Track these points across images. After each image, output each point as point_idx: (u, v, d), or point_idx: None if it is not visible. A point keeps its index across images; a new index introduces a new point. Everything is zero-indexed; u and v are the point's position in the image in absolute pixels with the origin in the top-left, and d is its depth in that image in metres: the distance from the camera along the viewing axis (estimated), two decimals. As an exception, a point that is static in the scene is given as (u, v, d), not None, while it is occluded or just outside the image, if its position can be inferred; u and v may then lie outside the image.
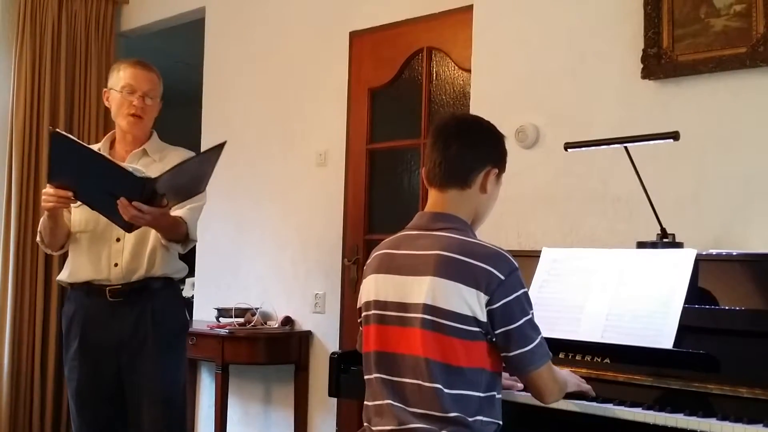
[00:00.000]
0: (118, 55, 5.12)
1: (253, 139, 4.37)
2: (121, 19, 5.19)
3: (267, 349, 3.96)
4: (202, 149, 2.83)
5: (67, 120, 4.81)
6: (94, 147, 2.75)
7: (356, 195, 3.94)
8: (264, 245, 4.28)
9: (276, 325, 4.06)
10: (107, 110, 5.16)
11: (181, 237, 2.65)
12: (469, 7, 3.42)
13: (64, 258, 4.62)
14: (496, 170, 1.90)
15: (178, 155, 2.72)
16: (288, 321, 4.06)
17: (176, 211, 2.58)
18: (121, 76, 2.70)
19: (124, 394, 2.64)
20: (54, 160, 2.45)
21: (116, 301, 2.62)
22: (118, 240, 2.61)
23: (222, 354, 3.87)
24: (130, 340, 2.61)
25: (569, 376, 1.98)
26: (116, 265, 2.62)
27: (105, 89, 2.76)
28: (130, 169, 2.37)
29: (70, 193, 2.42)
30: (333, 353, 2.51)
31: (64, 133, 2.44)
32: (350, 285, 3.90)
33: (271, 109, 4.33)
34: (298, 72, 4.19)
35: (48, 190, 2.44)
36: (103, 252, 2.63)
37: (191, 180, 2.49)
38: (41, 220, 2.63)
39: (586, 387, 2.00)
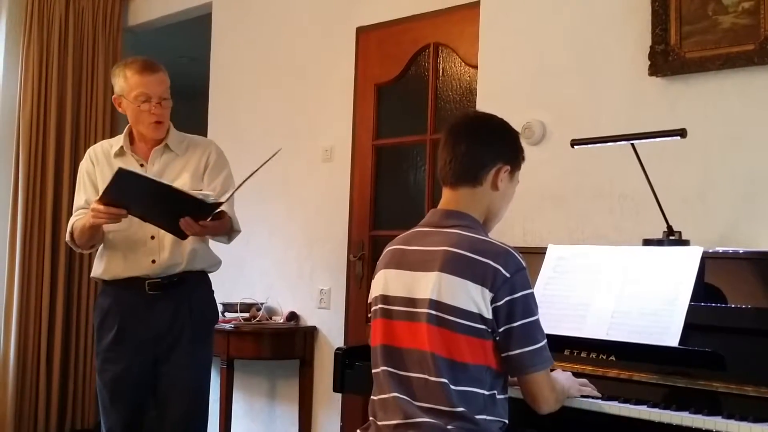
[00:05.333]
0: (125, 51, 5.13)
1: (259, 134, 4.37)
2: (128, 14, 5.20)
3: (272, 344, 3.97)
4: (205, 138, 2.91)
5: (74, 115, 4.82)
6: (114, 141, 2.79)
7: (362, 191, 3.94)
8: (269, 240, 4.28)
9: (281, 321, 4.07)
10: (114, 106, 5.20)
11: (228, 231, 2.72)
12: (476, 3, 3.41)
13: (69, 252, 4.69)
14: (508, 167, 1.89)
15: (200, 148, 2.78)
16: (293, 316, 4.06)
17: None
18: (131, 85, 2.65)
19: (156, 383, 2.68)
20: (113, 189, 2.44)
21: (154, 294, 2.65)
22: (152, 237, 2.63)
23: (227, 349, 3.88)
24: (167, 332, 2.66)
25: (570, 381, 1.96)
26: (153, 261, 2.65)
27: (115, 96, 2.73)
28: (201, 197, 2.43)
29: (123, 211, 2.46)
30: (338, 349, 2.51)
31: (129, 169, 2.46)
32: (355, 281, 3.90)
33: (277, 104, 4.33)
34: (305, 68, 4.19)
35: (99, 207, 2.44)
36: (139, 250, 2.65)
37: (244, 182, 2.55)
38: (74, 223, 2.63)
39: (587, 391, 1.98)
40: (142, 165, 2.72)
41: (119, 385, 2.67)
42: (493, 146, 1.89)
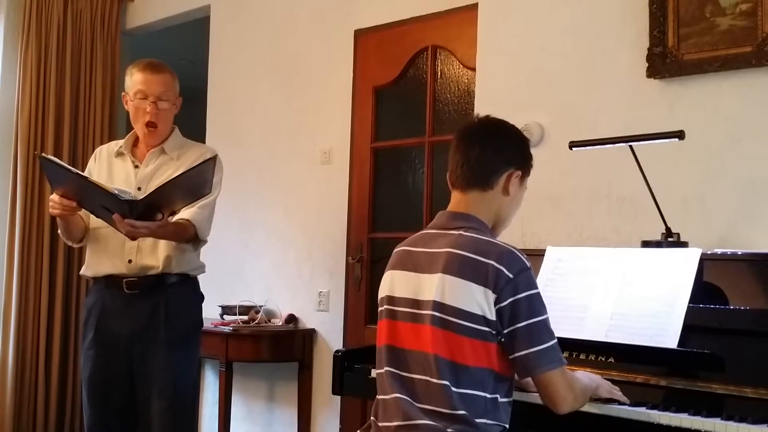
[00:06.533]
0: (124, 53, 5.14)
1: (257, 137, 4.37)
2: (126, 17, 5.20)
3: (271, 346, 3.97)
4: (206, 146, 2.86)
5: (72, 117, 4.82)
6: (122, 141, 2.80)
7: (361, 193, 3.94)
8: (268, 243, 4.28)
9: (280, 323, 4.06)
10: (112, 108, 5.22)
11: (190, 238, 2.66)
12: (474, 6, 3.41)
13: (67, 253, 4.69)
14: (519, 173, 1.91)
15: (195, 154, 2.75)
16: (292, 319, 4.06)
17: (184, 212, 2.59)
18: (133, 81, 2.70)
19: (134, 384, 2.66)
20: (50, 177, 2.52)
21: (132, 293, 2.65)
22: (133, 238, 2.62)
23: (226, 351, 3.87)
24: (142, 331, 2.64)
25: (599, 381, 1.94)
26: (130, 261, 2.65)
27: (123, 93, 2.77)
28: (116, 192, 2.39)
29: (74, 203, 2.47)
30: (337, 351, 2.51)
31: (49, 157, 2.48)
32: (354, 283, 3.90)
33: (275, 107, 4.33)
34: (303, 70, 4.20)
35: (54, 197, 2.48)
36: (117, 248, 2.66)
37: (189, 190, 2.50)
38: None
39: (619, 394, 1.95)
40: (136, 167, 2.74)
41: (95, 383, 2.67)
42: (505, 151, 1.91)
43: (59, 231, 2.72)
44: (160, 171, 2.72)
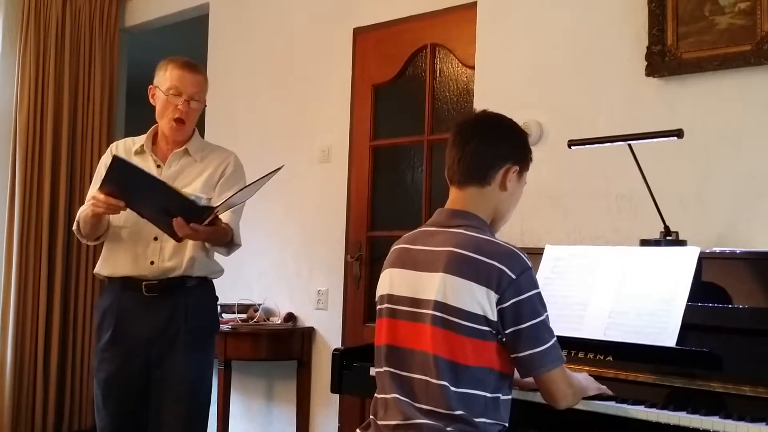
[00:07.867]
0: (122, 51, 5.13)
1: (256, 135, 4.37)
2: (125, 15, 5.20)
3: (269, 345, 3.97)
4: (226, 149, 2.85)
5: (71, 116, 4.82)
6: (138, 139, 2.78)
7: (359, 191, 3.94)
8: (267, 241, 4.28)
9: (278, 322, 4.06)
10: (111, 105, 5.19)
11: (226, 242, 2.66)
12: (473, 4, 3.41)
13: (66, 252, 4.68)
14: (517, 168, 1.89)
15: (219, 157, 2.77)
16: (290, 317, 4.06)
17: (222, 217, 2.58)
18: (168, 77, 2.67)
19: (150, 387, 2.64)
20: (110, 178, 2.45)
21: (151, 295, 2.63)
22: (155, 239, 2.61)
23: (224, 350, 3.87)
24: (161, 334, 2.62)
25: (589, 381, 1.96)
26: (152, 263, 2.63)
27: (151, 86, 2.73)
28: (193, 197, 2.40)
29: (122, 203, 2.44)
30: (335, 350, 2.51)
31: (124, 158, 2.46)
32: (353, 281, 3.90)
33: (274, 105, 4.33)
34: (302, 68, 4.19)
35: (99, 196, 2.44)
36: (139, 249, 2.64)
37: (246, 197, 2.53)
38: (81, 212, 2.61)
39: (604, 388, 1.98)
40: (159, 166, 2.71)
41: (111, 385, 2.65)
42: (502, 146, 1.89)
43: (76, 227, 2.66)
44: (185, 173, 2.71)
